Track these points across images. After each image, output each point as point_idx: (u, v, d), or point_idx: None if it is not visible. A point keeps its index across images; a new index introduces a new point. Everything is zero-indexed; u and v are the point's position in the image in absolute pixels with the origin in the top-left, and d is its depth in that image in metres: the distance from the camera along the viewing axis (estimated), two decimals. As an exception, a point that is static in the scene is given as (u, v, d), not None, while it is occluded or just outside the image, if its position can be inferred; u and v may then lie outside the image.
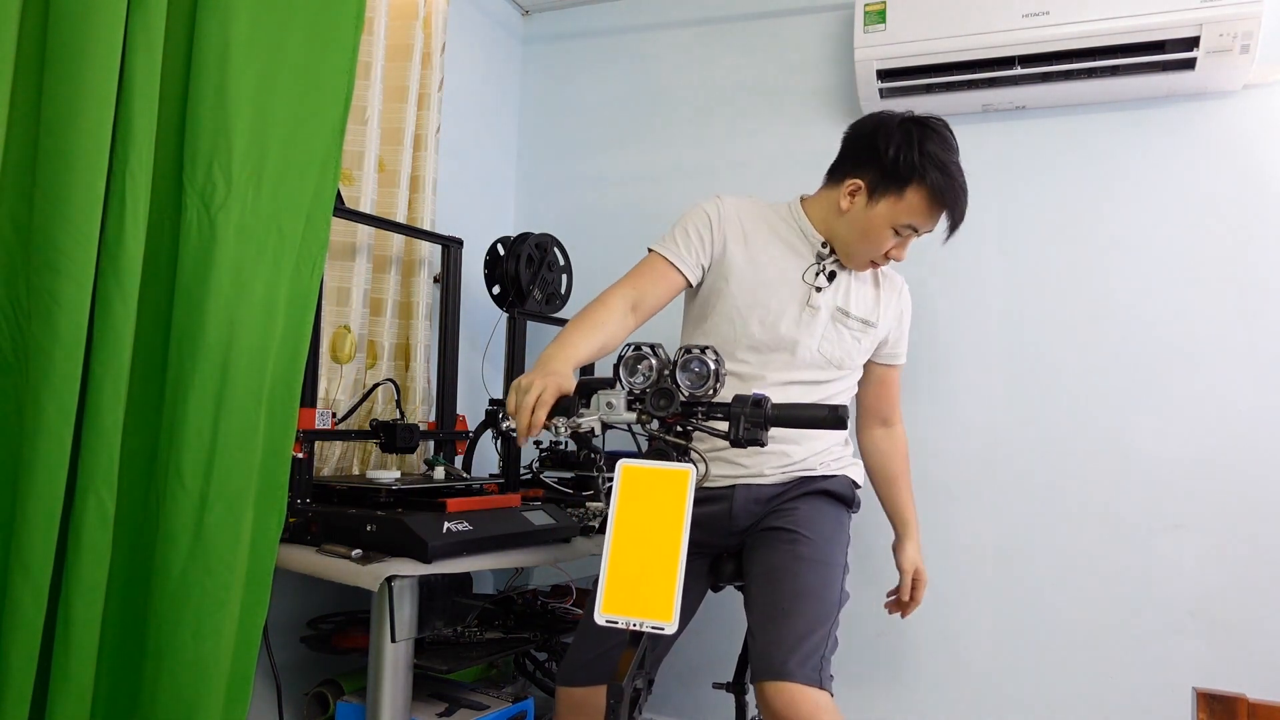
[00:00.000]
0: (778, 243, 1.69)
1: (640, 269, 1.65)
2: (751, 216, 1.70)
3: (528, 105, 2.87)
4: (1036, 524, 2.20)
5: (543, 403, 1.27)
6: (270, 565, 1.52)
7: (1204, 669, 2.02)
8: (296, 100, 1.51)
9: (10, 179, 1.29)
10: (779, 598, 1.50)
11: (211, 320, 1.41)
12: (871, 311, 1.73)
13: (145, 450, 1.43)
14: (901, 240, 1.64)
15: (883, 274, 1.76)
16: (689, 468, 1.12)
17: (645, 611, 1.07)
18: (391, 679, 1.56)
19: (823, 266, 1.68)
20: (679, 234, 1.67)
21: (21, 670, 1.27)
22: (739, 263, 1.66)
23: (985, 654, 2.21)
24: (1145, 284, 2.14)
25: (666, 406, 1.18)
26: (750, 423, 1.15)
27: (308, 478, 1.72)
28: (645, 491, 1.12)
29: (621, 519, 1.12)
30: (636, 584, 1.08)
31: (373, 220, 2.02)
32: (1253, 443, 2.03)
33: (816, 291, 1.66)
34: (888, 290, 1.77)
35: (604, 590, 1.09)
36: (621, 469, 1.14)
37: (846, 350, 1.70)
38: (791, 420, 1.18)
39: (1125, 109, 2.17)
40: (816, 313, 1.66)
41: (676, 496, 1.10)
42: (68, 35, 1.27)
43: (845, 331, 1.69)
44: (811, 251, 1.69)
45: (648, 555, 1.09)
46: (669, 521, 1.09)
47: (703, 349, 1.21)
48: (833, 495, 1.68)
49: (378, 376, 2.15)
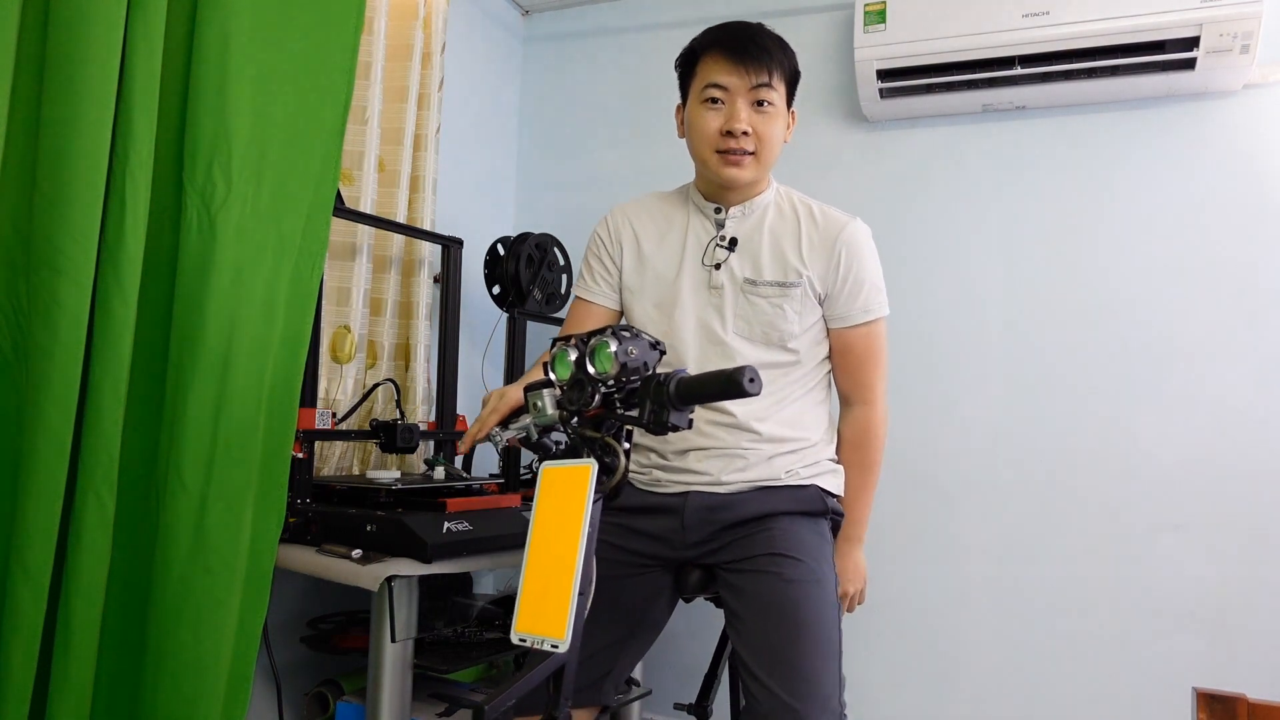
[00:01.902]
0: (673, 234, 1.58)
1: (570, 316, 1.66)
2: (641, 217, 1.62)
3: (527, 105, 2.87)
4: (1036, 524, 2.20)
5: (495, 411, 1.32)
6: (270, 565, 1.52)
7: (1204, 669, 2.02)
8: (296, 100, 1.51)
9: (10, 179, 1.29)
10: (776, 640, 1.34)
11: (211, 320, 1.42)
12: (787, 269, 1.51)
13: (145, 450, 1.44)
14: (718, 110, 1.48)
15: (811, 219, 1.54)
16: (589, 463, 1.02)
17: (545, 628, 0.99)
18: (391, 679, 1.56)
19: (721, 237, 1.54)
20: (584, 268, 1.64)
21: (21, 670, 1.27)
22: (633, 274, 1.59)
23: (985, 654, 2.21)
24: (1145, 284, 2.14)
25: (578, 399, 1.07)
26: (656, 405, 1.02)
27: (308, 478, 1.72)
28: (559, 494, 1.03)
29: (539, 526, 1.03)
30: (542, 597, 1.00)
31: (373, 220, 2.02)
32: (1253, 442, 2.03)
33: (715, 270, 1.52)
34: (815, 238, 1.53)
35: (519, 607, 1.01)
36: (541, 471, 1.06)
37: (769, 322, 1.50)
38: (696, 393, 1.02)
39: (1125, 109, 2.17)
40: (721, 292, 1.52)
41: (579, 496, 1.01)
42: (68, 35, 1.27)
43: (761, 302, 1.51)
44: (711, 223, 1.56)
45: (552, 565, 1.00)
46: (571, 524, 1.00)
47: (617, 330, 1.08)
48: (802, 512, 1.50)
49: (378, 376, 2.15)
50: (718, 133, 1.48)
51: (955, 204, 2.30)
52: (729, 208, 1.55)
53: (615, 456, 1.05)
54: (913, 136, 2.35)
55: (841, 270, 1.52)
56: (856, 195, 2.39)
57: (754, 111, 1.48)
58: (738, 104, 1.47)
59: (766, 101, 1.48)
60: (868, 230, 1.57)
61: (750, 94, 1.47)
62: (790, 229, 1.54)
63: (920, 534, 2.28)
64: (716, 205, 1.56)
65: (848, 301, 1.53)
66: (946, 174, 2.32)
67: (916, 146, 2.35)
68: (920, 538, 2.28)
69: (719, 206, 1.56)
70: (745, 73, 1.46)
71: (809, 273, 1.51)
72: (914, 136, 2.35)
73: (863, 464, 1.59)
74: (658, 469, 1.54)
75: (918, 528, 2.29)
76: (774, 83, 1.48)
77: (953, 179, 2.32)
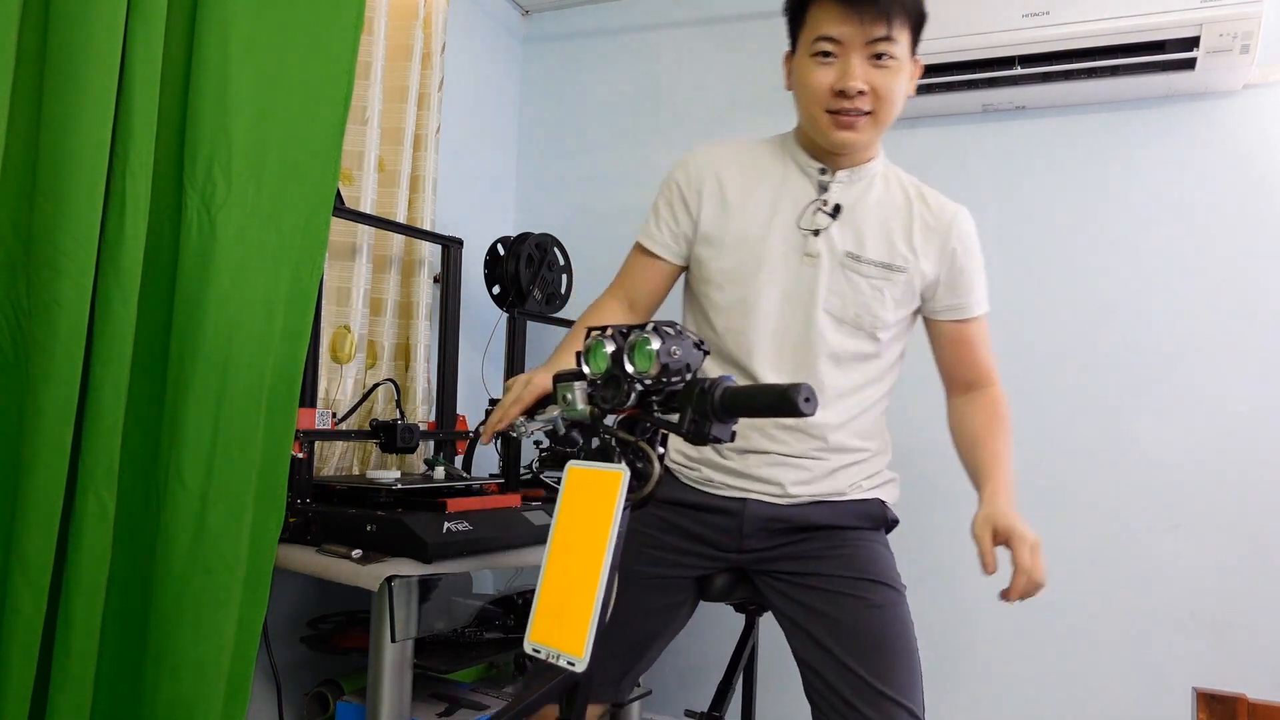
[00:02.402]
0: (764, 188, 1.42)
1: (624, 268, 1.51)
2: (729, 164, 1.45)
3: (528, 105, 2.87)
4: (1036, 524, 2.19)
5: (519, 401, 1.19)
6: (270, 565, 1.52)
7: (1204, 669, 2.02)
8: (296, 100, 1.51)
9: (10, 179, 1.29)
10: (871, 667, 1.29)
11: (211, 320, 1.41)
12: (894, 253, 1.38)
13: (145, 450, 1.43)
14: (828, 64, 1.32)
15: (922, 202, 1.42)
16: (620, 469, 0.94)
17: (562, 642, 0.91)
18: (391, 679, 1.56)
19: (823, 201, 1.39)
20: (651, 213, 1.49)
21: (21, 670, 1.27)
22: (714, 228, 1.42)
23: (985, 654, 2.21)
24: (1145, 284, 2.14)
25: (613, 397, 0.99)
26: (697, 413, 0.94)
27: (308, 478, 1.72)
28: (585, 498, 0.97)
29: (561, 530, 0.97)
30: (561, 608, 0.93)
31: (373, 220, 2.02)
32: (1253, 443, 2.03)
33: (813, 236, 1.37)
34: (926, 223, 1.40)
35: (534, 615, 0.95)
36: (568, 471, 1.00)
37: (864, 305, 1.37)
38: (742, 406, 0.93)
39: (1125, 109, 2.17)
40: (816, 262, 1.37)
41: (607, 504, 0.93)
42: (68, 35, 1.27)
43: (861, 281, 1.37)
44: (812, 184, 1.40)
45: (575, 575, 0.93)
46: (597, 535, 0.93)
47: (660, 326, 0.99)
48: (868, 527, 1.43)
49: (378, 376, 2.15)
50: (829, 91, 1.32)
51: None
52: (836, 170, 1.40)
53: (649, 463, 0.97)
54: (913, 136, 2.35)
55: (958, 261, 1.41)
56: (856, 195, 2.39)
57: (871, 66, 1.30)
58: (852, 59, 1.30)
59: (887, 55, 1.30)
60: (972, 220, 1.46)
61: (867, 48, 1.29)
62: (900, 209, 1.41)
63: (920, 534, 2.28)
64: (822, 166, 1.40)
65: (955, 293, 1.43)
66: (946, 174, 2.32)
67: (916, 146, 2.34)
68: (920, 538, 2.28)
69: (824, 167, 1.40)
70: (861, 23, 1.28)
71: (919, 262, 1.39)
72: (914, 136, 2.35)
73: (997, 429, 1.41)
74: (709, 467, 1.43)
75: (917, 528, 2.28)
76: (895, 33, 1.29)
77: (953, 179, 2.31)
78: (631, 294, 1.48)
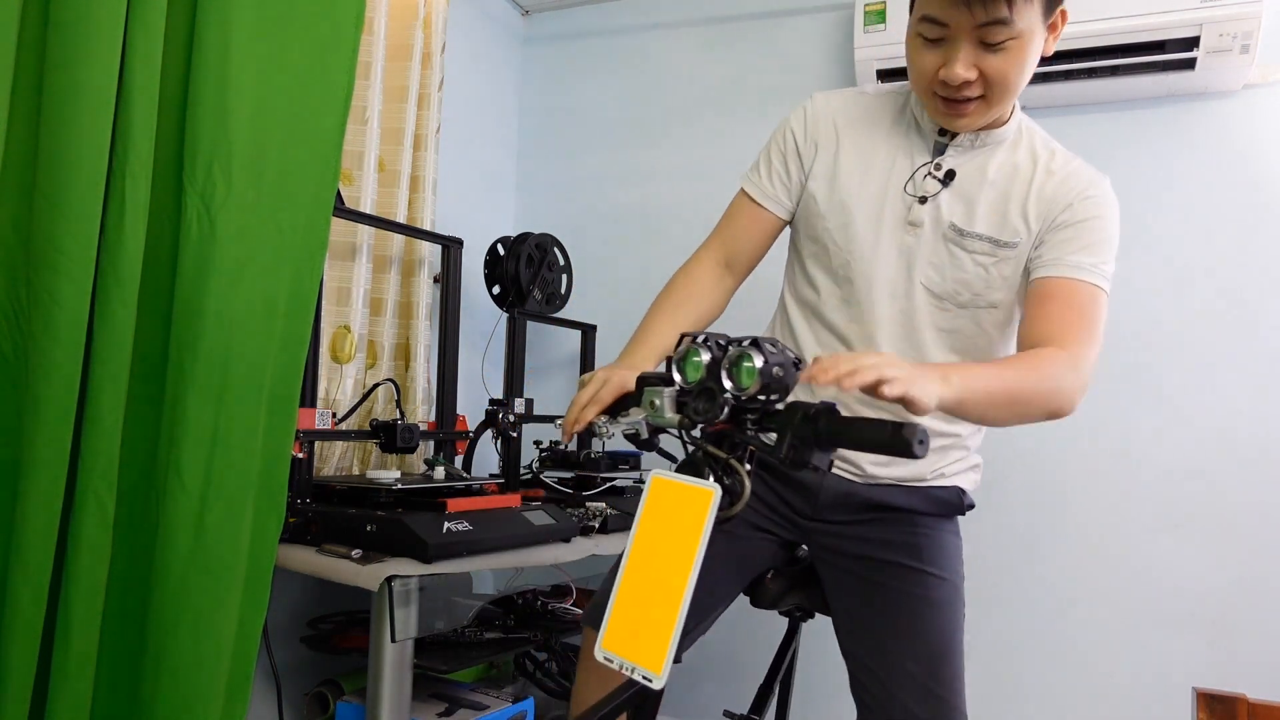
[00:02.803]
0: (880, 146, 1.32)
1: (727, 216, 1.40)
2: (851, 117, 1.35)
3: (528, 105, 2.87)
4: (1037, 523, 2.20)
5: (597, 400, 1.11)
6: (270, 565, 1.52)
7: (1204, 669, 2.02)
8: (296, 100, 1.50)
9: (10, 179, 1.29)
10: (925, 666, 1.28)
11: (211, 320, 1.41)
12: (1005, 226, 1.26)
13: (145, 450, 1.43)
14: (936, 49, 1.19)
15: (1049, 170, 1.29)
16: (712, 488, 0.91)
17: (639, 656, 0.89)
18: (391, 679, 1.56)
19: (937, 165, 1.28)
20: (762, 159, 1.39)
21: (21, 670, 1.27)
22: (823, 183, 1.33)
23: (985, 654, 2.21)
24: (1145, 284, 2.14)
25: (706, 411, 0.96)
26: (798, 439, 0.90)
27: (308, 478, 1.72)
28: (670, 510, 0.94)
29: (641, 539, 0.95)
30: (639, 620, 0.91)
31: (373, 220, 2.02)
32: (1253, 442, 2.03)
33: (920, 203, 1.28)
34: (1044, 192, 1.27)
35: (609, 620, 0.93)
36: (651, 480, 0.98)
37: (965, 281, 1.28)
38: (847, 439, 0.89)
39: (1125, 109, 2.17)
40: (918, 231, 1.28)
41: (694, 522, 0.91)
42: (68, 35, 1.27)
43: (964, 256, 1.27)
44: (928, 146, 1.30)
45: (655, 588, 0.92)
46: (682, 552, 0.91)
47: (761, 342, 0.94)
48: (943, 514, 1.39)
49: (378, 376, 2.15)
50: (933, 75, 1.20)
51: (955, 204, 2.30)
52: (956, 133, 1.29)
53: (739, 481, 0.94)
54: (913, 136, 2.35)
55: (1072, 211, 1.25)
56: (856, 195, 2.39)
57: (983, 51, 1.16)
58: (960, 45, 1.16)
59: (1005, 39, 1.15)
60: (1113, 196, 1.31)
61: (977, 31, 1.15)
62: (1024, 177, 1.28)
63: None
64: (942, 127, 1.29)
65: (1063, 246, 1.24)
66: (946, 174, 2.32)
67: (916, 146, 2.34)
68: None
69: (946, 130, 1.29)
70: (968, 7, 1.13)
71: (1030, 232, 1.26)
72: (914, 136, 2.35)
73: (1019, 367, 1.17)
74: None
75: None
76: (1017, 10, 1.13)
77: (953, 179, 2.32)
78: (731, 248, 1.38)
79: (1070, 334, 1.20)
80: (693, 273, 1.38)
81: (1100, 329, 1.24)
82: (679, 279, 1.37)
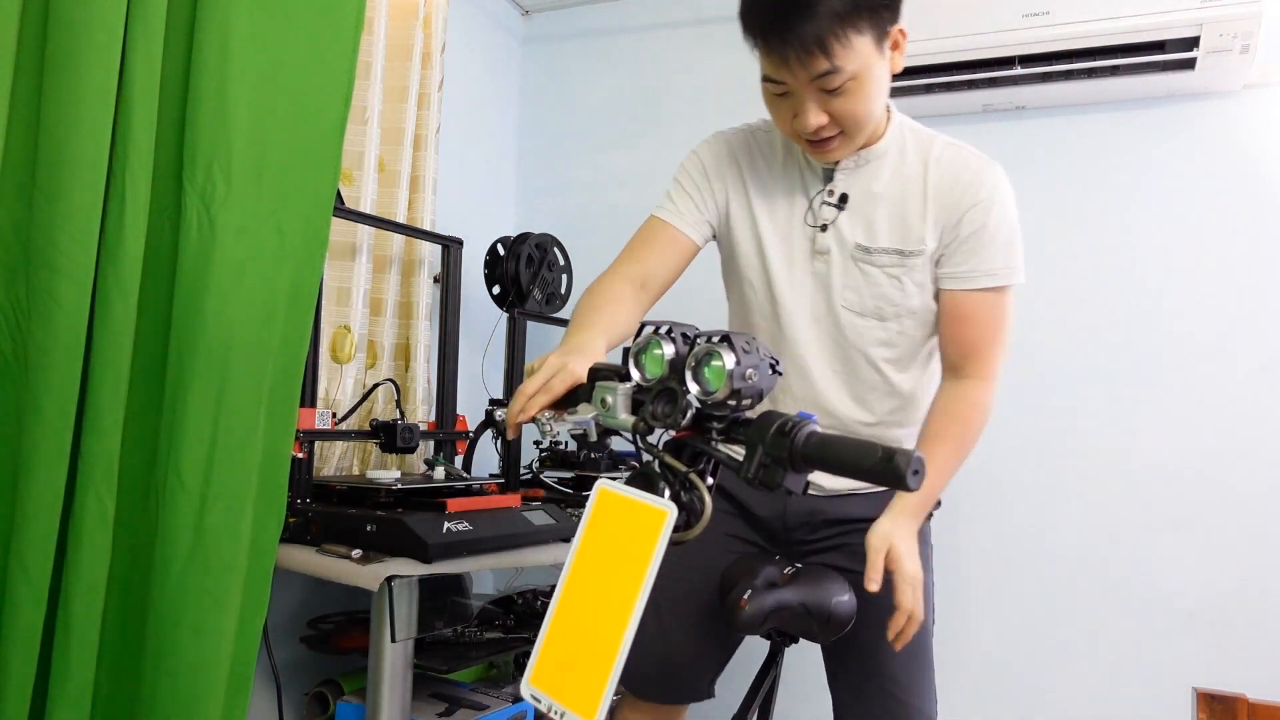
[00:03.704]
0: (780, 181, 1.36)
1: (640, 240, 1.38)
2: (749, 155, 1.38)
3: (527, 105, 2.87)
4: (1037, 523, 2.20)
5: (548, 390, 0.99)
6: (270, 565, 1.52)
7: (1204, 669, 2.02)
8: (296, 100, 1.50)
9: (10, 179, 1.29)
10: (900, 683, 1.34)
11: (211, 320, 1.41)
12: (908, 236, 1.29)
13: (145, 450, 1.43)
14: (786, 101, 1.23)
15: (939, 167, 1.30)
16: (667, 508, 0.77)
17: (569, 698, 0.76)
18: (391, 679, 1.56)
19: (830, 191, 1.31)
20: (674, 189, 1.40)
21: (21, 670, 1.27)
22: (735, 224, 1.37)
23: (985, 654, 2.21)
24: (1145, 284, 2.14)
25: (666, 415, 0.84)
26: (770, 456, 0.78)
27: (308, 478, 1.72)
28: (616, 529, 0.80)
29: (582, 560, 0.81)
30: (574, 655, 0.77)
31: (373, 220, 2.02)
32: (1253, 442, 2.03)
33: (822, 231, 1.31)
34: (938, 188, 1.28)
35: (538, 652, 0.80)
36: (597, 491, 0.84)
37: (883, 295, 1.31)
38: (828, 461, 0.78)
39: (1125, 109, 2.17)
40: (827, 259, 1.31)
41: (644, 546, 0.76)
42: (68, 35, 1.27)
43: (876, 273, 1.30)
44: (817, 174, 1.34)
45: (594, 620, 0.77)
46: (627, 579, 0.76)
47: (733, 338, 0.83)
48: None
49: (378, 376, 2.15)
50: (790, 124, 1.25)
51: (955, 204, 2.30)
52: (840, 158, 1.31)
53: (699, 500, 0.82)
54: (913, 136, 2.35)
55: (966, 222, 1.27)
56: (856, 195, 2.39)
57: (827, 97, 1.20)
58: (804, 98, 1.20)
59: (838, 85, 1.18)
60: (1006, 181, 1.30)
61: (814, 84, 1.19)
62: (915, 184, 1.30)
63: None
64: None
65: (968, 256, 1.28)
66: (946, 174, 2.32)
67: (916, 146, 2.34)
68: (920, 538, 2.28)
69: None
70: (799, 66, 1.16)
71: (934, 235, 1.29)
72: (914, 136, 2.35)
73: (960, 439, 1.29)
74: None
75: (918, 528, 2.28)
76: (841, 59, 1.15)
77: (953, 179, 2.32)
78: (644, 270, 1.34)
79: (983, 353, 1.31)
80: (614, 285, 1.31)
81: (1009, 328, 1.32)
82: (602, 286, 1.31)
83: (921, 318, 1.34)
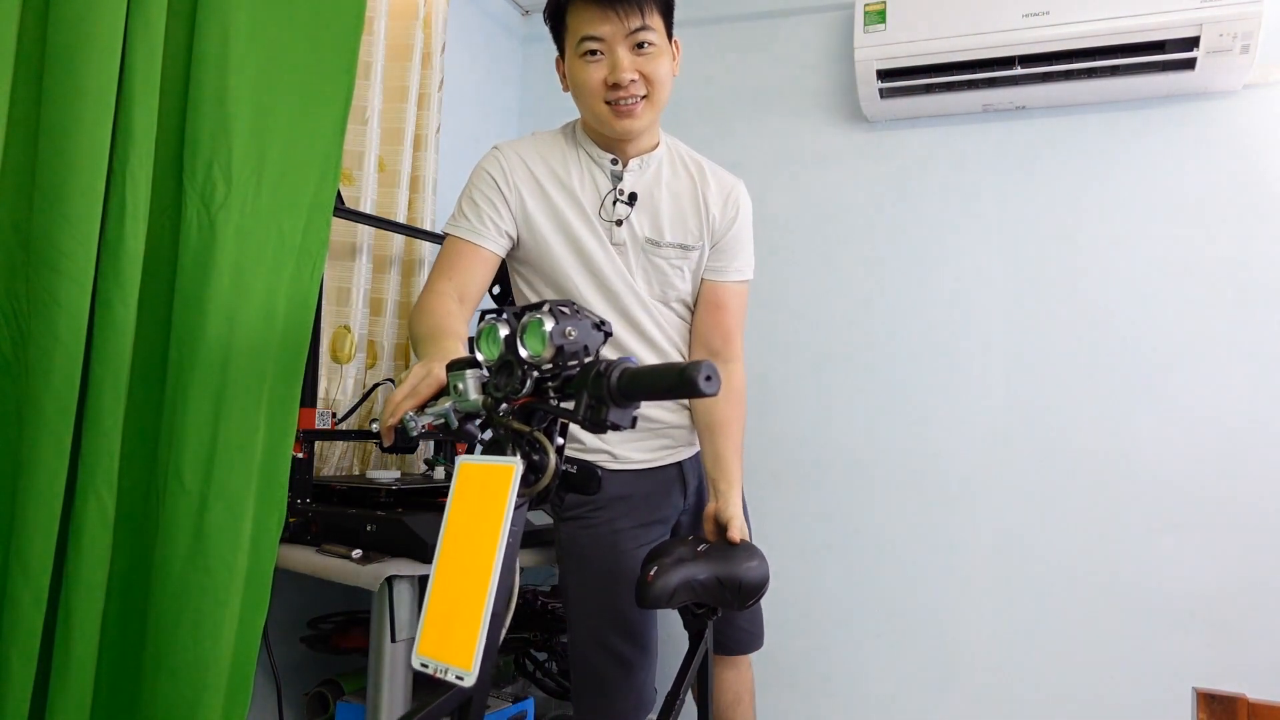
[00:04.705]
0: (574, 183, 1.53)
1: (447, 259, 1.50)
2: (536, 160, 1.54)
3: (528, 105, 2.87)
4: (1036, 523, 2.20)
5: (415, 394, 1.07)
6: (270, 565, 1.52)
7: (1204, 669, 2.02)
8: (296, 100, 1.50)
9: (10, 179, 1.29)
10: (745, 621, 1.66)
11: (211, 320, 1.41)
12: (688, 233, 1.54)
13: (145, 450, 1.43)
14: (599, 61, 1.44)
15: (704, 178, 1.57)
16: (512, 462, 0.86)
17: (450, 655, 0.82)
18: (391, 679, 1.56)
19: (620, 190, 1.51)
20: (467, 206, 1.53)
21: (21, 670, 1.27)
22: (534, 225, 1.51)
23: (985, 654, 2.21)
24: (1145, 283, 2.14)
25: (506, 384, 0.91)
26: (594, 398, 0.87)
27: (308, 478, 1.72)
28: (476, 495, 0.88)
29: (451, 531, 0.87)
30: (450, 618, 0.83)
31: (373, 220, 2.02)
32: (1253, 442, 2.03)
33: (617, 226, 1.50)
34: (711, 197, 1.56)
35: (423, 625, 0.86)
36: (459, 466, 0.91)
37: (669, 284, 1.55)
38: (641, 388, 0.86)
39: (1125, 109, 2.17)
40: (624, 250, 1.51)
41: (497, 502, 0.85)
42: (68, 35, 1.27)
43: (663, 263, 1.53)
44: (606, 175, 1.53)
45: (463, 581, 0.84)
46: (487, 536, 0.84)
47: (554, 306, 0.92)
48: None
49: (378, 376, 2.15)
50: (603, 85, 1.44)
51: (955, 204, 2.30)
52: (626, 160, 1.53)
53: (545, 454, 0.90)
54: (913, 136, 2.35)
55: (735, 227, 1.57)
56: (856, 195, 2.39)
57: (636, 55, 1.43)
58: (618, 53, 1.43)
59: (647, 43, 1.44)
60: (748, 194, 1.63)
61: (628, 39, 1.42)
62: (688, 189, 1.56)
63: (919, 534, 2.28)
64: (613, 156, 1.53)
65: (731, 256, 1.57)
66: (946, 174, 2.32)
67: (916, 146, 2.34)
68: (919, 538, 2.28)
69: (615, 158, 1.53)
70: (618, 18, 1.41)
71: (707, 235, 1.55)
72: (914, 136, 2.35)
73: (742, 419, 1.57)
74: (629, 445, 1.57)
75: (917, 528, 2.29)
76: (650, 21, 1.43)
77: (953, 179, 2.32)
78: (459, 288, 1.47)
79: (734, 336, 1.60)
80: (442, 302, 1.42)
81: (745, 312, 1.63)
82: (432, 305, 1.42)
83: (688, 301, 1.59)
